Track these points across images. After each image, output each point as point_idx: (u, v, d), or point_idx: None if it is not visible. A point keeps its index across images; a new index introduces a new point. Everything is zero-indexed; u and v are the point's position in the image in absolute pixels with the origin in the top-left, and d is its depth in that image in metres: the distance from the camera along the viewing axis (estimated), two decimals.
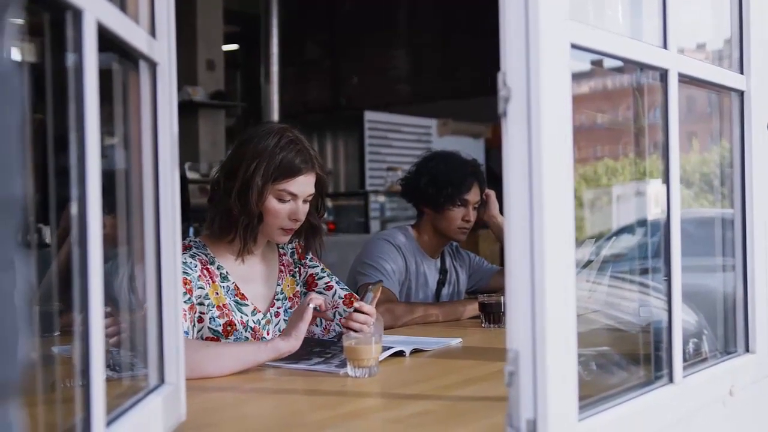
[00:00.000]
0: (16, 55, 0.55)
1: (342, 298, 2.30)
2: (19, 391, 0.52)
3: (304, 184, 2.13)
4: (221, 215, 2.13)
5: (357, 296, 2.33)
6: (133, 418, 1.17)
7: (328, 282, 2.35)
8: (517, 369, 1.15)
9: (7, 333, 0.50)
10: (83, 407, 0.99)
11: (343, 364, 1.87)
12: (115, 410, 1.14)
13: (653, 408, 1.42)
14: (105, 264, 1.02)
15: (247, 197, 2.08)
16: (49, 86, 1.05)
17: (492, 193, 3.04)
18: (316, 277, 2.35)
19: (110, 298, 1.24)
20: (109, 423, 1.07)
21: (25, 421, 0.55)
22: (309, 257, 2.37)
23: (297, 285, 2.32)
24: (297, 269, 2.34)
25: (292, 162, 2.10)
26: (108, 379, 1.04)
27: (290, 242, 2.33)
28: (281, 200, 2.12)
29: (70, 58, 0.98)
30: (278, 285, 2.27)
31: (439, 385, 1.78)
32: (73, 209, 0.99)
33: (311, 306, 1.93)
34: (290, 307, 2.26)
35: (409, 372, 1.97)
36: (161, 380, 1.35)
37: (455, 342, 2.30)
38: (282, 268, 2.30)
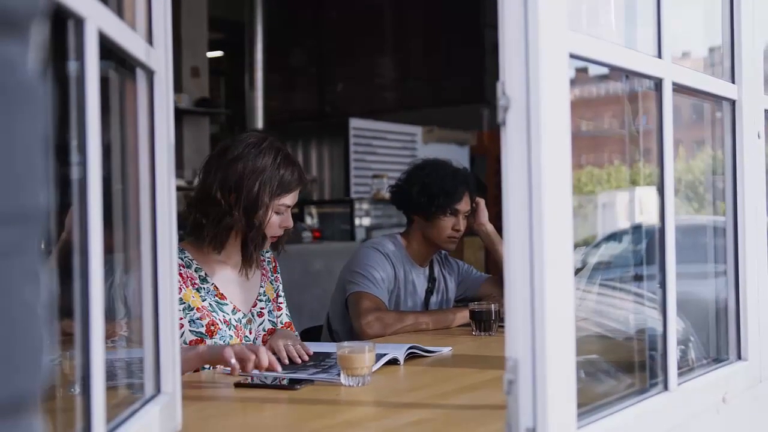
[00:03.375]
0: (40, 64, 0.55)
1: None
2: (40, 403, 0.52)
3: (297, 195, 2.26)
4: (223, 231, 2.18)
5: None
6: (131, 429, 1.16)
7: (281, 303, 2.45)
8: (517, 377, 1.15)
9: (32, 345, 0.50)
10: (83, 417, 0.98)
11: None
12: (113, 420, 1.13)
13: (649, 415, 1.42)
14: None
15: (254, 216, 2.17)
16: (49, 93, 1.04)
17: (482, 201, 3.04)
18: (278, 293, 2.44)
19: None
20: None
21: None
22: (278, 273, 2.47)
23: (274, 292, 2.41)
24: (274, 277, 2.43)
25: (291, 178, 2.22)
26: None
27: (266, 250, 2.41)
28: (278, 213, 2.22)
29: (71, 66, 0.97)
30: (261, 287, 2.35)
31: (434, 394, 1.78)
32: (75, 217, 0.98)
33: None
34: (273, 309, 2.36)
35: (403, 380, 1.97)
36: (157, 390, 1.34)
37: (446, 350, 2.30)
38: (264, 272, 2.39)
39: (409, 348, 2.15)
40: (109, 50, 1.12)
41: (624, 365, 1.71)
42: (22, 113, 0.51)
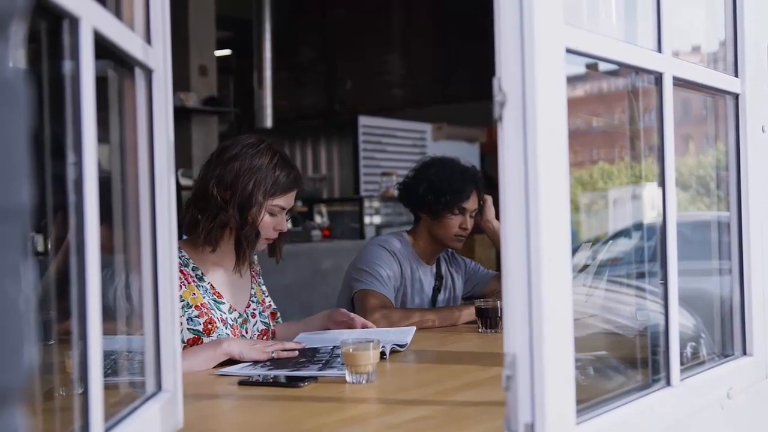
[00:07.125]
0: (21, 62, 0.55)
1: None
2: (23, 398, 0.52)
3: (292, 198, 2.29)
4: (217, 227, 2.21)
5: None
6: (131, 426, 1.16)
7: (268, 299, 2.47)
8: (515, 373, 1.15)
9: (13, 339, 0.51)
10: (82, 415, 0.98)
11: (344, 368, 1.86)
12: (113, 418, 1.14)
13: (651, 411, 1.42)
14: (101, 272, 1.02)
15: (247, 213, 2.20)
16: (45, 93, 1.04)
17: (489, 199, 3.03)
18: (265, 294, 2.47)
19: (106, 307, 1.25)
20: (107, 431, 1.07)
21: (29, 428, 0.55)
22: (260, 277, 2.50)
23: (262, 294, 2.45)
24: (261, 281, 2.47)
25: (287, 180, 2.25)
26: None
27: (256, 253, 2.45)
28: (272, 214, 2.25)
29: (67, 66, 0.98)
30: (252, 288, 2.39)
31: (437, 390, 1.78)
32: (71, 218, 0.98)
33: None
34: (262, 311, 2.40)
35: (407, 377, 1.97)
36: (158, 387, 1.34)
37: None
38: (253, 275, 2.43)
39: (393, 344, 2.17)
40: (107, 49, 1.13)
41: (628, 361, 1.70)
42: (4, 111, 0.51)
